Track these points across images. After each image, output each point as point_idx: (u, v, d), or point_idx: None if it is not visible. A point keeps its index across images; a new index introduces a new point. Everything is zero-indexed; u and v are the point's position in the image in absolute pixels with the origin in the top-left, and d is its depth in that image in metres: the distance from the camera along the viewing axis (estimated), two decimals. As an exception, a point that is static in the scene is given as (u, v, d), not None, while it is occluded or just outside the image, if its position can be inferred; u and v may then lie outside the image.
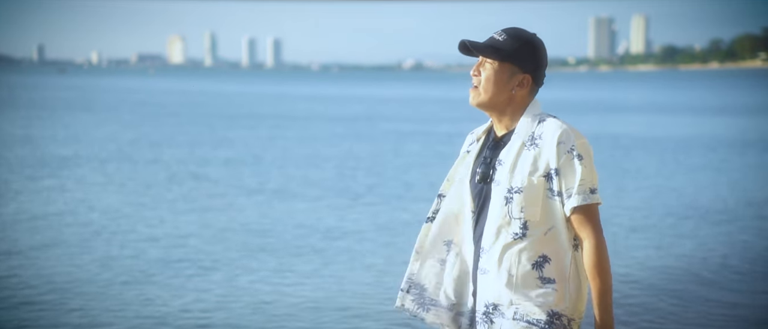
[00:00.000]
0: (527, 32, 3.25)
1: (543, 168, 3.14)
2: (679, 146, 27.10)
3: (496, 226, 3.18)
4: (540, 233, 3.15)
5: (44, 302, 8.56)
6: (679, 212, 14.39)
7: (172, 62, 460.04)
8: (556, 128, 3.15)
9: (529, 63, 3.22)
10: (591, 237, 3.12)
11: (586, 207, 3.12)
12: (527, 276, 3.16)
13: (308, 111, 49.83)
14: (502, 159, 3.21)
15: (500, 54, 3.20)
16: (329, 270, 10.15)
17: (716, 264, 10.56)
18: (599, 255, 3.11)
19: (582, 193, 3.11)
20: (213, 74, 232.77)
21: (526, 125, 3.21)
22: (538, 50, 3.23)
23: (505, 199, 3.16)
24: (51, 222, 13.04)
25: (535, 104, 3.25)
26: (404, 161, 22.50)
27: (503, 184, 3.18)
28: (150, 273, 9.90)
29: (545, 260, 3.16)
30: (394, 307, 3.44)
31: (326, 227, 12.89)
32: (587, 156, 3.14)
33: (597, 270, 3.11)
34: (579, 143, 3.14)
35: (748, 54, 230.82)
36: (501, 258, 3.17)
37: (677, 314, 8.37)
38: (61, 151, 24.09)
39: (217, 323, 7.97)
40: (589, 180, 3.12)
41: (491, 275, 3.19)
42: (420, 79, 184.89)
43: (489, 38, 3.26)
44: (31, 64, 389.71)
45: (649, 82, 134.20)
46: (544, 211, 3.15)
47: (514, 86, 3.23)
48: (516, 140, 3.20)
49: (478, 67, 3.26)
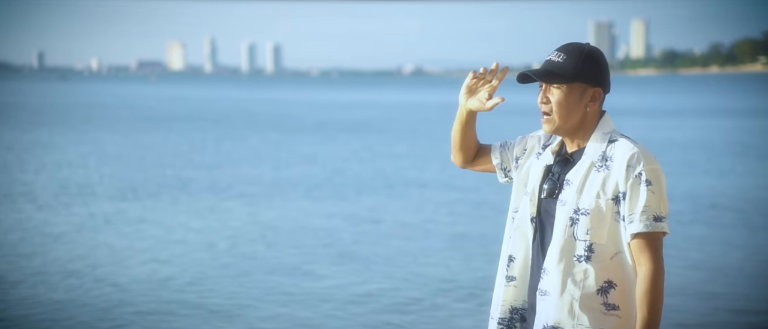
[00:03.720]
0: (582, 44, 3.17)
1: (612, 191, 3.06)
2: (683, 148, 27.23)
3: (560, 247, 3.10)
4: (606, 258, 3.06)
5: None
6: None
7: (171, 69, 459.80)
8: (628, 150, 3.07)
9: (595, 76, 3.14)
10: (649, 265, 3.01)
11: (647, 234, 3.02)
12: (591, 301, 3.07)
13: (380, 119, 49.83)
14: (570, 179, 3.13)
15: (566, 77, 3.11)
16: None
17: (726, 263, 10.70)
18: (654, 285, 3.00)
19: (645, 220, 3.01)
20: (213, 81, 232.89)
21: (597, 145, 3.13)
22: (600, 60, 3.15)
23: (571, 220, 3.09)
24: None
25: (607, 121, 3.17)
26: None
27: (569, 204, 3.10)
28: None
29: (611, 286, 3.07)
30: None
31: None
32: (656, 182, 3.04)
33: (648, 300, 3.00)
34: (649, 168, 3.04)
35: (748, 58, 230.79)
36: (564, 281, 3.09)
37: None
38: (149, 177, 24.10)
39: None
40: (656, 207, 3.02)
41: (552, 297, 3.11)
42: (421, 84, 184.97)
43: (546, 63, 3.15)
44: (32, 71, 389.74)
45: (649, 86, 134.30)
46: (611, 235, 3.06)
47: (587, 102, 3.14)
48: (585, 160, 3.13)
49: (545, 95, 3.16)
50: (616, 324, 3.06)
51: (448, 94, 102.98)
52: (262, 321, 8.40)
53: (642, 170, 3.03)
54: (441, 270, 10.51)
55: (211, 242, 12.23)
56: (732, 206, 15.52)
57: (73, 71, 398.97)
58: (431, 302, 9.02)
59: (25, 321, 8.26)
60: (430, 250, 11.74)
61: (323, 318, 8.45)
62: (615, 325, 3.06)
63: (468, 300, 9.10)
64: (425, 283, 9.82)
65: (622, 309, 3.06)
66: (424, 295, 9.28)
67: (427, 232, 13.10)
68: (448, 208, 15.34)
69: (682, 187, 17.97)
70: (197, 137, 32.74)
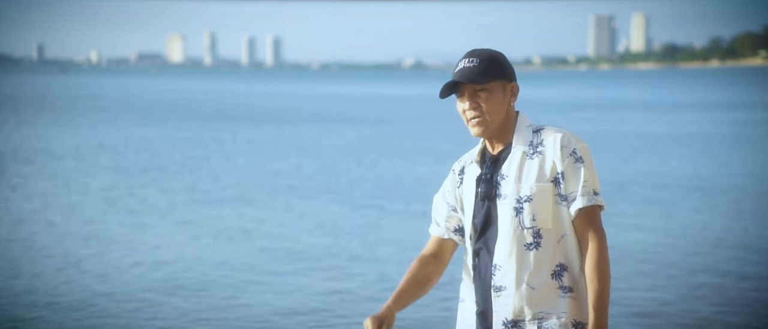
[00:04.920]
0: (489, 49, 3.26)
1: (550, 173, 3.13)
2: (681, 141, 27.36)
3: (508, 240, 3.14)
4: (553, 242, 3.13)
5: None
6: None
7: (171, 61, 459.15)
8: (557, 132, 3.16)
9: (510, 72, 3.24)
10: (594, 239, 3.10)
11: (589, 209, 3.12)
12: (547, 287, 3.12)
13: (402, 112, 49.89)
14: (504, 173, 3.18)
15: (489, 75, 3.17)
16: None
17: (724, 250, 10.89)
18: (600, 257, 3.09)
19: (586, 195, 3.11)
20: (213, 74, 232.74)
21: (523, 136, 3.20)
22: (506, 59, 3.26)
23: (515, 210, 3.13)
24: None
25: (523, 116, 3.26)
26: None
27: (510, 196, 3.14)
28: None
29: (563, 268, 3.13)
30: None
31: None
32: (588, 159, 3.14)
33: (597, 272, 3.08)
34: (580, 146, 3.14)
35: (748, 52, 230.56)
36: (518, 273, 3.12)
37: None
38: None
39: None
40: (592, 182, 3.13)
41: (508, 291, 3.14)
42: (421, 77, 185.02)
43: (465, 70, 3.20)
44: (31, 64, 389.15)
45: (649, 80, 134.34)
46: (555, 218, 3.12)
47: (509, 98, 3.23)
48: (516, 152, 3.18)
49: (472, 100, 3.20)
50: (572, 305, 3.12)
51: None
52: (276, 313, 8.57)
53: (575, 148, 3.12)
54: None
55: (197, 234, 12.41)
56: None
57: (72, 64, 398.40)
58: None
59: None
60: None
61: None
62: (571, 306, 3.12)
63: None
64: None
65: (575, 290, 3.12)
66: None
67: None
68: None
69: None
70: (201, 130, 32.88)
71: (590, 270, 3.09)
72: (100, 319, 8.03)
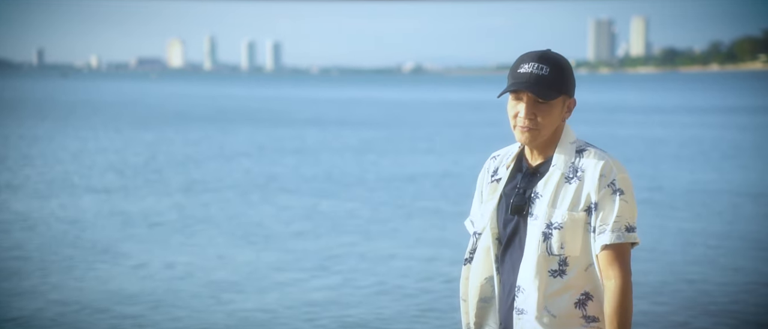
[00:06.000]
0: (556, 55, 3.09)
1: (584, 202, 2.98)
2: (680, 146, 27.42)
3: (533, 263, 3.02)
4: (580, 270, 3.01)
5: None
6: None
7: (171, 66, 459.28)
8: (599, 159, 3.00)
9: (573, 86, 3.08)
10: (618, 278, 2.95)
11: (618, 246, 2.96)
12: (570, 316, 3.01)
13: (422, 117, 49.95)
14: (540, 192, 3.04)
15: (557, 90, 3.02)
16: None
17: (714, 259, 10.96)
18: (623, 298, 2.94)
19: (616, 230, 2.95)
20: (213, 78, 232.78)
21: (564, 156, 3.05)
22: (571, 69, 3.10)
23: (544, 235, 3.01)
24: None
25: (569, 130, 3.10)
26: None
27: (541, 219, 3.01)
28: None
29: (588, 298, 3.01)
30: None
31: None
32: (628, 191, 2.98)
33: (618, 314, 2.94)
34: (620, 177, 2.98)
35: (748, 56, 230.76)
36: (541, 298, 3.01)
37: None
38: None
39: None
40: (627, 217, 2.97)
41: (529, 316, 3.03)
42: (421, 82, 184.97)
43: (530, 77, 3.02)
44: (31, 69, 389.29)
45: (649, 84, 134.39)
46: (585, 247, 3.00)
47: (565, 113, 3.07)
48: (555, 172, 3.04)
49: (531, 108, 3.02)
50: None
51: (448, 92, 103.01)
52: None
53: (615, 179, 2.97)
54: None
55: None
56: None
57: (72, 68, 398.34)
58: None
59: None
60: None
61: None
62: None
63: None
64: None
65: (600, 320, 3.01)
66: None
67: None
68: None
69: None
70: (202, 133, 32.95)
71: (610, 310, 2.95)
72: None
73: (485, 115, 48.21)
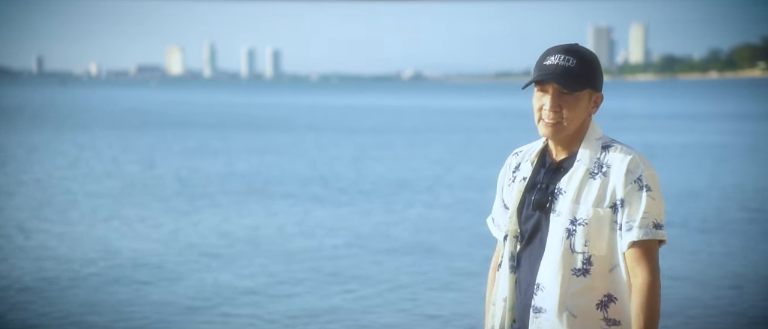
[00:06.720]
0: (585, 48, 3.03)
1: (609, 198, 2.90)
2: (684, 152, 27.39)
3: (556, 261, 2.92)
4: (605, 270, 2.90)
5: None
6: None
7: (171, 73, 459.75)
8: (626, 154, 2.92)
9: (600, 80, 3.01)
10: (646, 275, 2.85)
11: (645, 242, 2.87)
12: (591, 318, 2.90)
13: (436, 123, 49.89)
14: (563, 187, 2.95)
15: (583, 83, 2.95)
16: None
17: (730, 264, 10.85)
18: (652, 296, 2.84)
19: (644, 227, 2.86)
20: (213, 85, 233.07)
21: (589, 151, 2.97)
22: (599, 63, 3.04)
23: (567, 231, 2.92)
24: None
25: (595, 126, 3.03)
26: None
27: (565, 215, 2.93)
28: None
29: (611, 300, 2.91)
30: None
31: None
32: (655, 187, 2.90)
33: (645, 312, 2.84)
34: (647, 173, 2.90)
35: (747, 64, 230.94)
36: (562, 297, 2.90)
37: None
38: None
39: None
40: (654, 214, 2.88)
41: (549, 315, 2.92)
42: (420, 89, 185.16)
43: (556, 69, 2.95)
44: (31, 76, 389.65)
45: (648, 91, 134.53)
46: (610, 246, 2.90)
47: (591, 108, 3.01)
48: (579, 168, 2.95)
49: (556, 101, 2.95)
50: None
51: (448, 99, 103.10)
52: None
53: (642, 175, 2.89)
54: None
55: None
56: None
57: (72, 76, 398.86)
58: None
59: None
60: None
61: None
62: None
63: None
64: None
65: (623, 324, 2.91)
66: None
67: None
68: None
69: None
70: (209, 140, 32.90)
71: (637, 309, 2.86)
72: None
73: (486, 121, 48.18)
